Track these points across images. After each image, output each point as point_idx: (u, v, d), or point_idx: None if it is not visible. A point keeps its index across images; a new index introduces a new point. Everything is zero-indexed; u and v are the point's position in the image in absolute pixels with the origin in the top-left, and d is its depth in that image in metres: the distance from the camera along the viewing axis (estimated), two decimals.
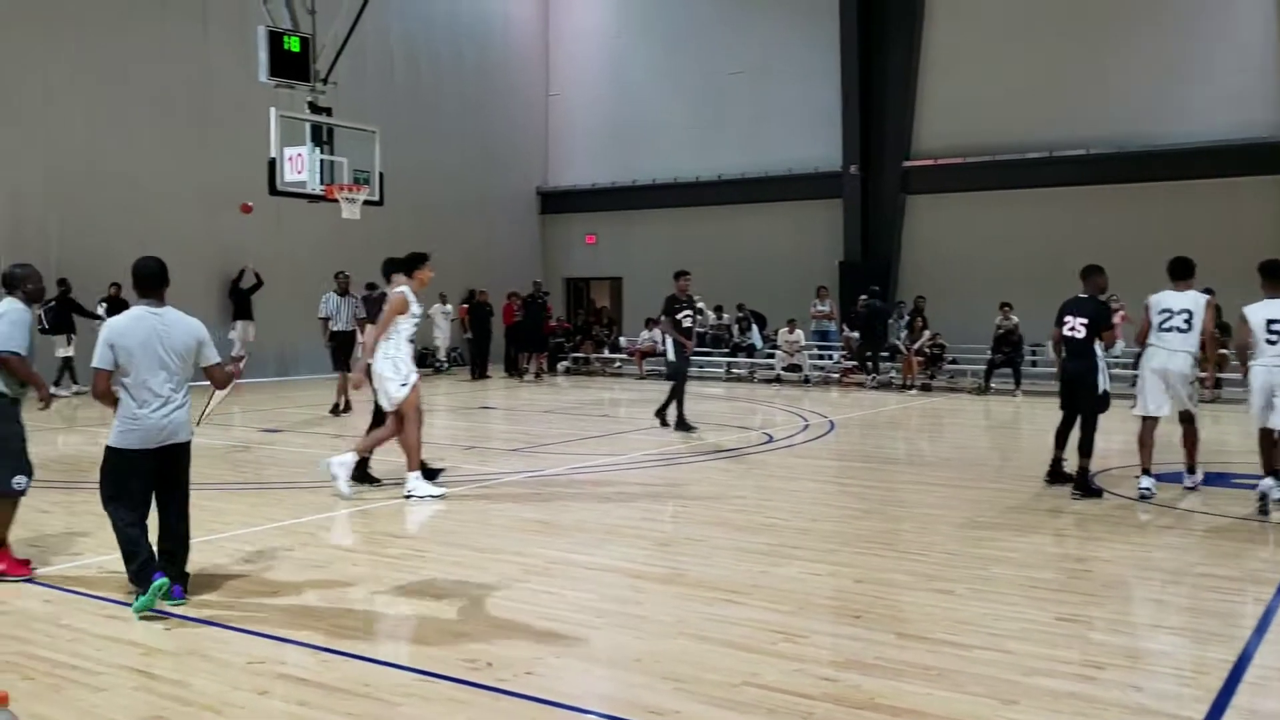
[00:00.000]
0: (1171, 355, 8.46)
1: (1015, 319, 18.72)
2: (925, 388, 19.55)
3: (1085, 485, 8.57)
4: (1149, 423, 8.60)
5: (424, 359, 23.92)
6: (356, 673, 4.47)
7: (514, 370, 22.25)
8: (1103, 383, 8.81)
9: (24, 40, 17.46)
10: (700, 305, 24.33)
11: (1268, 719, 4.17)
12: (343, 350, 14.43)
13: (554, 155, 28.54)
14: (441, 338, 22.91)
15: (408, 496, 8.33)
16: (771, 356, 21.73)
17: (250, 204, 15.09)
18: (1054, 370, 19.73)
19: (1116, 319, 19.07)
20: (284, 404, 16.42)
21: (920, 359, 19.74)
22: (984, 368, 19.09)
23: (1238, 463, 9.92)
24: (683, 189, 26.04)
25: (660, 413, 13.13)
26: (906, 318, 20.55)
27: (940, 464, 10.90)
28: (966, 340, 20.45)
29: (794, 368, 21.11)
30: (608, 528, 7.65)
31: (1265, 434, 7.99)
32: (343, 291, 14.62)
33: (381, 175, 15.33)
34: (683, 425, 12.85)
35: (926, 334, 20.07)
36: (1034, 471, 10.08)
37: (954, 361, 20.50)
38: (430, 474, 8.71)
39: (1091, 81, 21.37)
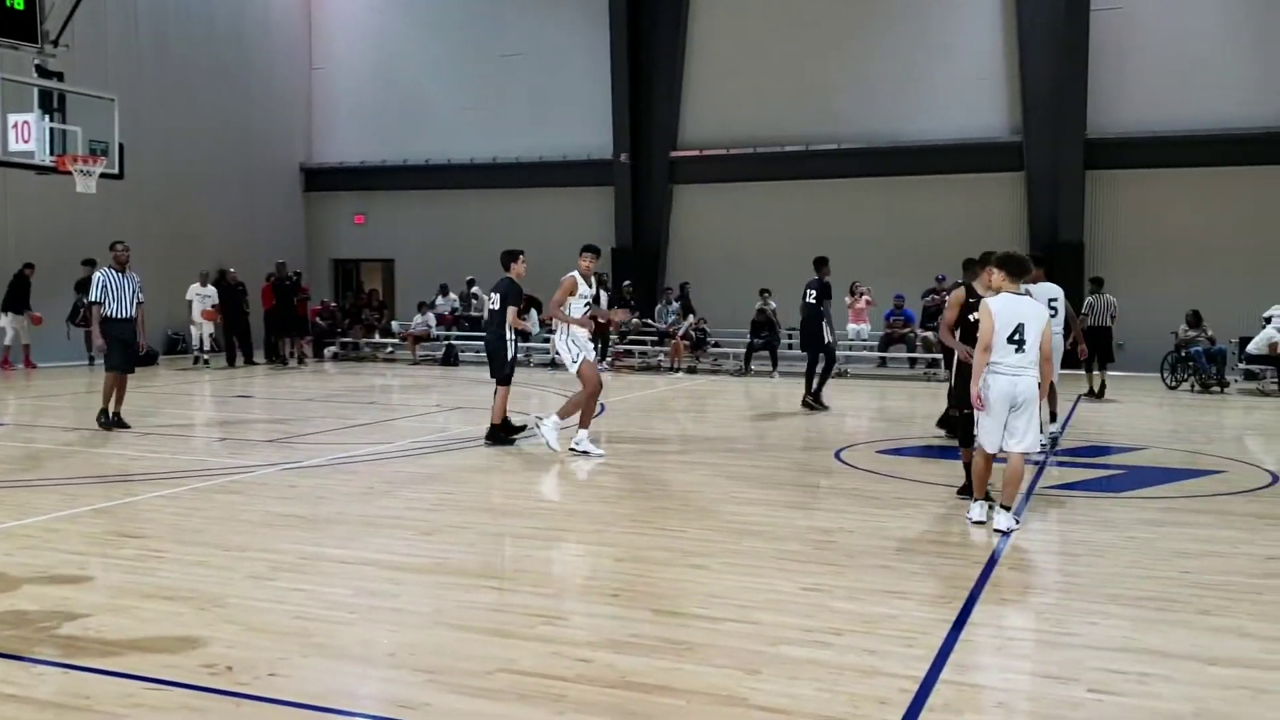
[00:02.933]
0: None
1: (773, 304, 19.52)
2: (691, 370, 20.13)
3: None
4: None
5: (174, 345, 22.49)
6: (76, 685, 4.12)
7: (275, 357, 21.24)
8: None
9: None
10: (475, 291, 24.09)
11: (978, 670, 4.52)
12: (124, 344, 11.53)
13: (318, 131, 27.38)
14: (198, 324, 20.68)
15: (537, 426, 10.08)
16: (547, 341, 21.73)
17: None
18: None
19: (861, 304, 20.35)
20: (8, 394, 15.03)
21: (686, 342, 20.30)
22: (744, 350, 19.83)
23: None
24: (457, 171, 25.60)
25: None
26: (676, 303, 21.05)
27: (703, 443, 11.24)
28: (731, 324, 21.16)
29: None
30: (368, 519, 7.42)
31: None
32: (121, 268, 11.61)
33: (122, 146, 14.28)
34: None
35: (691, 318, 20.69)
36: (789, 447, 10.69)
37: (717, 345, 21.17)
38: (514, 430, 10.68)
39: (844, 79, 22.50)
